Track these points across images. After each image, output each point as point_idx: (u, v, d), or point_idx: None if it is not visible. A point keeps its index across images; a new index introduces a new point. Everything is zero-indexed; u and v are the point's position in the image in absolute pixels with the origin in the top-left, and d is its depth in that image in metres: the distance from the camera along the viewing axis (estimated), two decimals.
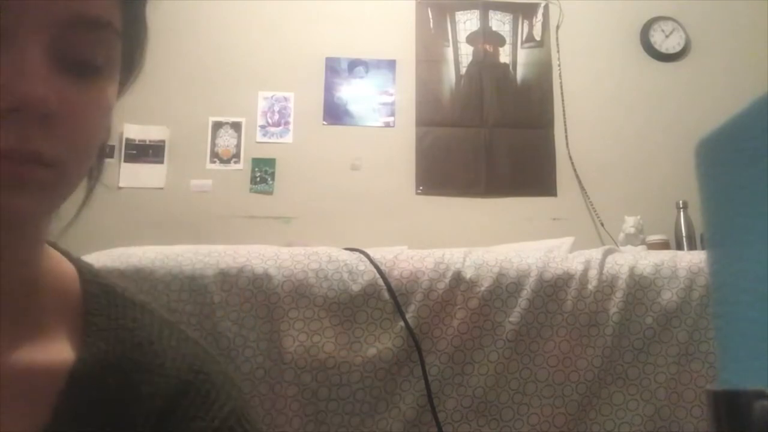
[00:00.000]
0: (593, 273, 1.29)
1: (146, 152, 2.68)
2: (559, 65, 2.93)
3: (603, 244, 2.58)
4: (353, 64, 2.87)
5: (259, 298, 1.22)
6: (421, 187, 2.77)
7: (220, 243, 1.39)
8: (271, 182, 2.71)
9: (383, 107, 2.84)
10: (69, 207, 0.44)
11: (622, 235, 2.43)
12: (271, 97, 2.79)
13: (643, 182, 2.80)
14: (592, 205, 2.77)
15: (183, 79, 2.74)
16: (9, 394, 0.41)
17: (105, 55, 0.42)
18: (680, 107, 2.88)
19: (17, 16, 0.37)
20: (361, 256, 1.30)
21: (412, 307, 1.25)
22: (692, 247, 2.36)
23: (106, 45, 0.42)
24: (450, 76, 2.90)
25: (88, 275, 0.51)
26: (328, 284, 1.25)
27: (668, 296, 1.27)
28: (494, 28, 2.97)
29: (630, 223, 2.40)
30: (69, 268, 0.51)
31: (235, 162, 2.72)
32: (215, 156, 2.72)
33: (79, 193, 0.45)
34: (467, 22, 2.96)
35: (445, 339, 1.24)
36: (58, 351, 0.45)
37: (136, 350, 0.47)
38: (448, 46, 2.93)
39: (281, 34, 2.85)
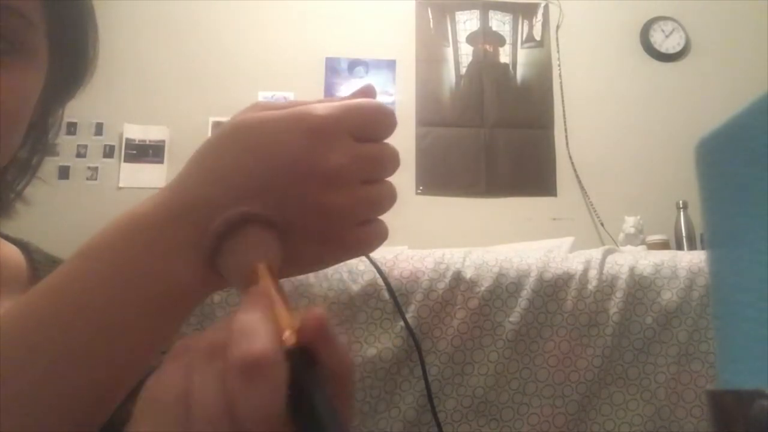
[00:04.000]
0: (593, 273, 1.29)
1: (146, 152, 2.67)
2: (559, 65, 2.93)
3: (603, 244, 2.58)
4: (353, 64, 2.87)
5: None
6: (421, 187, 2.77)
7: None
8: None
9: None
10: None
11: (622, 235, 2.43)
12: (271, 97, 2.79)
13: (643, 182, 2.80)
14: (592, 205, 2.77)
15: (183, 79, 2.74)
16: None
17: (12, 40, 0.43)
18: (680, 107, 2.88)
19: None
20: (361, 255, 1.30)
21: (412, 307, 1.25)
22: (692, 247, 2.36)
23: (11, 30, 0.43)
24: (450, 76, 2.90)
25: (32, 248, 0.54)
26: (327, 284, 1.25)
27: (668, 296, 1.27)
28: (494, 28, 2.97)
29: (630, 223, 2.40)
30: (11, 247, 0.53)
31: None
32: None
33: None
34: (467, 22, 2.96)
35: (445, 339, 1.24)
36: None
37: None
38: (448, 46, 2.93)
39: (281, 34, 2.85)
